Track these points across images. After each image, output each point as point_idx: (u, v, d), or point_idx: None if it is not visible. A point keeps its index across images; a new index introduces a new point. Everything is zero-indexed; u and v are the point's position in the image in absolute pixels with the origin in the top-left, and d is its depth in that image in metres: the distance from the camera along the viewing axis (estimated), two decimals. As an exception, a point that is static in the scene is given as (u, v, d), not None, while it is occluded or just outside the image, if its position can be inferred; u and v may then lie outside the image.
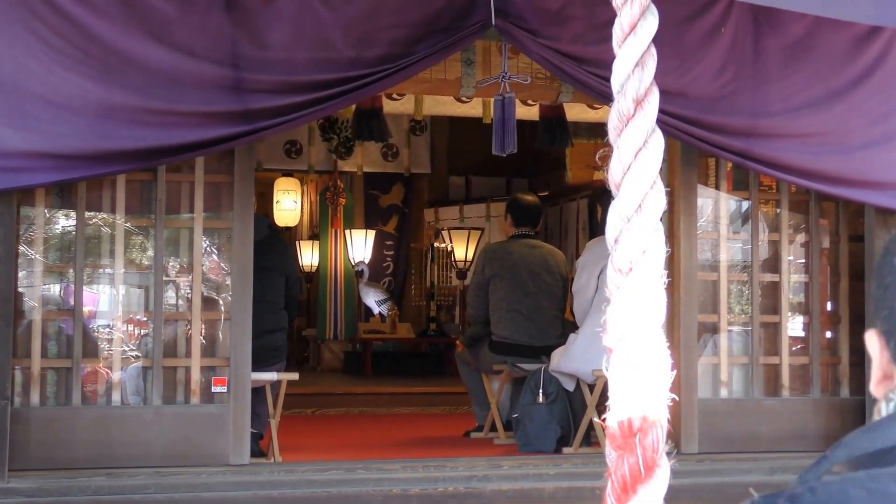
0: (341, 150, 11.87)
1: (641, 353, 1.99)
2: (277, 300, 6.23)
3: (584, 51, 5.39)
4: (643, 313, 2.00)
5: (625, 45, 2.10)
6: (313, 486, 5.13)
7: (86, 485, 4.90)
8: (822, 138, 5.75)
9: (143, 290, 5.51)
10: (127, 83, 4.91)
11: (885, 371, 1.29)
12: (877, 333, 1.29)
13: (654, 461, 2.08)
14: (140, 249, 5.51)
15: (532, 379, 6.79)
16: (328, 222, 13.15)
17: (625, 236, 2.07)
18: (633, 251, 2.05)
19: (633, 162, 2.06)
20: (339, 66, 5.14)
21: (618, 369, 2.06)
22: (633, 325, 2.00)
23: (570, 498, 5.32)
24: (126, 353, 5.35)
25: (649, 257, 2.04)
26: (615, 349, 2.06)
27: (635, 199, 2.03)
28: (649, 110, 2.10)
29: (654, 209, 2.06)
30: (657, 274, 2.08)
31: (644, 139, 2.09)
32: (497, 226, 12.95)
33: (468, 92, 5.90)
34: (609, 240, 2.20)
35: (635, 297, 2.01)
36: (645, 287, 2.02)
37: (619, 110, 2.15)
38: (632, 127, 2.10)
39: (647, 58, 2.09)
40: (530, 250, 7.43)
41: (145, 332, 5.48)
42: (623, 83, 2.12)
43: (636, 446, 2.00)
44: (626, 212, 2.05)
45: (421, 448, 7.03)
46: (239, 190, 5.45)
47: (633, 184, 2.04)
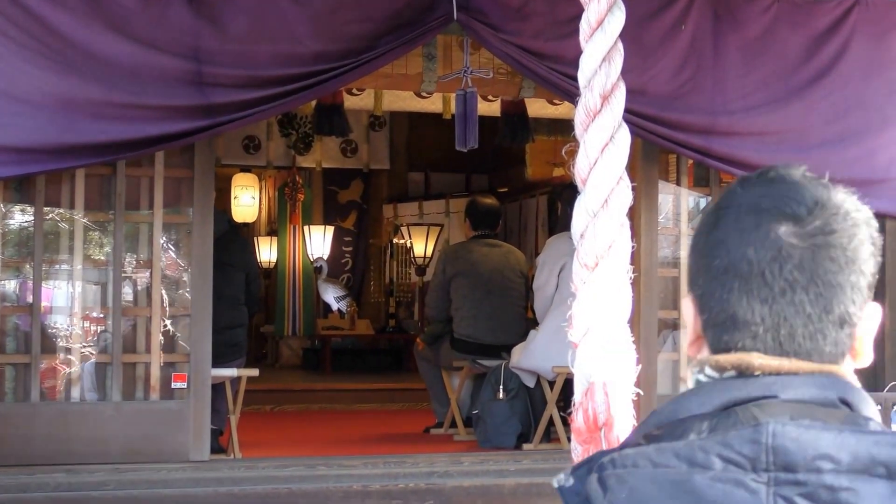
0: (300, 145, 11.83)
1: (607, 348, 2.01)
2: (237, 296, 6.20)
3: (546, 46, 5.40)
4: (609, 308, 2.02)
5: (592, 40, 2.11)
6: (274, 483, 5.11)
7: (44, 481, 4.85)
8: (780, 136, 5.80)
9: (102, 286, 5.46)
10: (88, 76, 4.87)
11: (696, 334, 1.34)
12: (692, 301, 1.34)
13: (621, 455, 2.09)
14: (98, 245, 5.46)
15: (492, 375, 6.80)
16: (287, 218, 13.10)
17: (591, 231, 2.09)
18: (599, 246, 2.07)
19: (600, 157, 2.08)
20: (302, 60, 5.12)
21: (583, 364, 2.07)
22: (598, 320, 2.02)
23: (530, 494, 5.33)
24: (84, 349, 5.29)
25: (615, 252, 2.07)
26: (581, 344, 2.08)
27: (601, 193, 2.06)
28: (616, 105, 2.12)
29: (620, 204, 2.08)
30: (623, 269, 2.10)
31: (611, 134, 2.11)
32: (457, 222, 12.95)
33: (429, 87, 5.90)
34: (575, 235, 2.21)
35: (601, 292, 2.03)
36: (611, 282, 2.04)
37: (585, 105, 2.17)
38: (598, 122, 2.12)
39: (613, 53, 2.11)
40: (490, 249, 7.45)
41: (103, 328, 5.43)
42: (590, 78, 2.14)
43: (601, 440, 2.02)
44: (592, 207, 2.07)
45: (381, 444, 7.03)
46: (199, 185, 5.41)
47: (600, 179, 2.06)
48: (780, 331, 1.26)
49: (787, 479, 1.17)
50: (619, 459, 1.21)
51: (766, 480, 1.17)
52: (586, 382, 1.88)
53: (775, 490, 1.17)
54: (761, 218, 1.27)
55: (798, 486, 1.16)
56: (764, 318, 1.26)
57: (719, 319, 1.28)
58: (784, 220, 1.26)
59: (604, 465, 1.22)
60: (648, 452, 1.21)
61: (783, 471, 1.17)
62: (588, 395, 1.85)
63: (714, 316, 1.29)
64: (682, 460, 1.20)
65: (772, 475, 1.17)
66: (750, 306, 1.26)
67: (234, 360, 6.08)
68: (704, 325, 1.31)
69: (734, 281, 1.27)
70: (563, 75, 5.41)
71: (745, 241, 1.26)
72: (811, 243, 1.25)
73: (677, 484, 1.18)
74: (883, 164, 5.86)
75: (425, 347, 7.59)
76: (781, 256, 1.25)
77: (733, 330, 1.27)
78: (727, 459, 1.18)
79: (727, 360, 1.27)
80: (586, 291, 1.88)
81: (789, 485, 1.17)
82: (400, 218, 13.19)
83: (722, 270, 1.27)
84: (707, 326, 1.31)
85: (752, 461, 1.18)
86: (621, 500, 1.19)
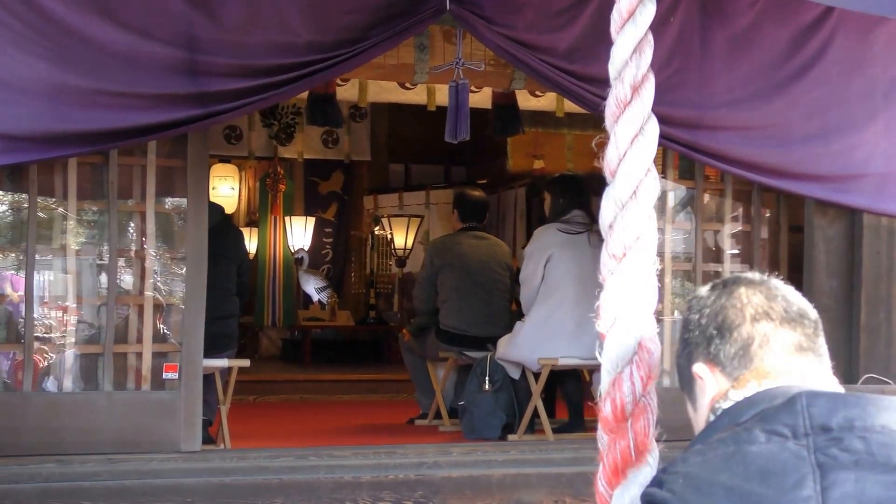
0: (282, 136, 11.82)
1: (633, 338, 2.03)
2: (229, 286, 6.20)
3: (538, 39, 5.42)
4: (636, 298, 2.04)
5: (622, 31, 2.14)
6: (265, 473, 5.11)
7: (36, 472, 4.84)
8: (763, 131, 5.84)
9: (94, 275, 5.43)
10: (80, 64, 4.83)
11: (720, 390, 1.56)
12: (706, 363, 1.58)
13: (645, 445, 2.12)
14: (91, 233, 5.43)
15: (478, 367, 6.83)
16: (268, 209, 13.07)
17: (619, 222, 2.11)
18: (628, 237, 2.09)
19: (629, 148, 2.10)
20: (295, 50, 5.12)
21: (610, 354, 2.09)
22: (625, 311, 2.04)
23: (517, 484, 5.37)
24: (75, 339, 5.27)
25: (643, 243, 2.08)
26: (608, 334, 2.09)
27: (631, 185, 2.07)
28: (646, 97, 2.14)
29: (648, 195, 2.10)
30: (650, 260, 2.12)
31: (640, 126, 2.13)
32: (437, 213, 12.98)
33: (421, 78, 5.90)
34: (603, 225, 2.23)
35: (628, 283, 2.05)
36: (638, 273, 2.06)
37: (616, 96, 2.19)
38: (629, 113, 2.14)
39: (644, 44, 2.13)
40: (478, 242, 7.49)
41: (94, 317, 5.41)
42: (620, 69, 2.16)
43: (628, 430, 2.04)
44: (621, 197, 2.08)
45: (368, 435, 7.04)
46: (192, 174, 5.40)
47: (629, 170, 2.08)
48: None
49: (824, 439, 1.31)
50: (670, 467, 1.35)
51: (807, 444, 1.31)
52: (613, 372, 1.90)
53: (815, 448, 1.30)
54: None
55: (835, 442, 1.30)
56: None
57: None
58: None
59: (661, 480, 1.37)
60: (696, 449, 1.37)
61: (821, 432, 1.31)
62: (615, 385, 1.87)
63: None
64: (730, 443, 1.34)
65: (811, 438, 1.31)
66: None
67: (226, 351, 6.08)
68: (724, 370, 1.69)
69: None
70: (555, 68, 5.44)
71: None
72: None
73: (727, 457, 1.30)
74: (861, 160, 5.91)
75: (411, 339, 7.61)
76: None
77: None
78: (770, 431, 1.32)
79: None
80: (614, 282, 1.89)
81: (827, 442, 1.30)
82: (380, 209, 13.20)
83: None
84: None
85: (792, 428, 1.32)
86: (678, 486, 1.30)
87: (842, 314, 6.05)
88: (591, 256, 6.59)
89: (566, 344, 6.46)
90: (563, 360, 6.45)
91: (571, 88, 5.49)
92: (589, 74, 5.47)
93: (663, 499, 1.30)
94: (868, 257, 6.03)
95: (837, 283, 6.07)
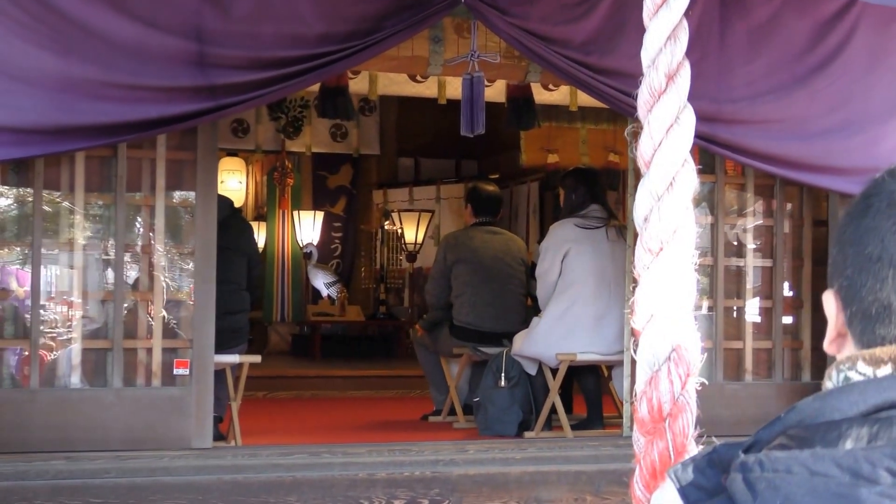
0: (290, 129, 11.72)
1: (671, 336, 1.93)
2: (240, 281, 6.11)
3: (553, 30, 5.33)
4: (673, 294, 1.93)
5: (657, 17, 2.02)
6: (278, 471, 5.04)
7: (44, 469, 4.77)
8: (784, 125, 5.76)
9: (101, 270, 5.35)
10: (88, 56, 4.76)
11: (839, 331, 1.26)
12: (834, 295, 1.27)
13: (684, 446, 2.02)
14: (98, 228, 5.35)
15: (494, 363, 6.74)
16: (276, 203, 12.98)
17: (655, 215, 1.99)
18: (664, 230, 1.97)
19: (665, 138, 1.99)
20: (306, 41, 5.03)
21: (647, 352, 1.99)
22: (662, 307, 1.93)
23: (536, 482, 5.29)
24: (82, 334, 5.20)
25: (680, 236, 1.98)
26: (644, 331, 1.99)
27: (666, 176, 1.96)
28: (681, 85, 2.02)
29: (685, 187, 1.99)
30: (688, 254, 2.01)
31: (676, 115, 2.01)
32: (447, 208, 12.88)
33: (436, 70, 5.82)
34: (638, 219, 2.12)
35: (665, 278, 1.94)
36: (675, 267, 1.95)
37: (650, 85, 2.07)
38: (663, 102, 2.02)
39: (679, 31, 2.01)
40: (492, 237, 7.40)
41: (101, 312, 5.33)
42: (654, 57, 2.04)
43: (666, 431, 1.94)
44: (657, 189, 1.97)
45: (382, 432, 6.96)
46: (202, 168, 5.33)
47: (665, 160, 1.96)
48: None
49: None
50: (768, 463, 1.12)
51: None
52: (650, 371, 1.79)
53: None
54: None
55: None
56: None
57: (871, 311, 1.20)
58: None
59: (748, 466, 1.14)
60: (803, 458, 1.12)
61: None
62: (652, 384, 1.76)
63: (865, 307, 1.21)
64: (845, 471, 1.10)
65: None
66: None
67: (236, 347, 5.99)
68: (851, 319, 1.22)
69: (889, 269, 1.20)
70: (570, 60, 5.35)
71: None
72: None
73: (839, 497, 1.09)
74: (885, 153, 5.82)
75: (424, 334, 7.52)
76: None
77: (888, 321, 1.19)
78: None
79: (885, 352, 1.17)
80: (649, 277, 1.78)
81: None
82: (390, 203, 13.11)
83: (874, 259, 1.20)
84: (854, 319, 1.23)
85: None
86: (768, 496, 1.11)
87: (866, 308, 5.95)
88: (610, 251, 6.50)
89: (584, 339, 6.38)
90: (582, 355, 6.36)
91: (587, 81, 5.41)
92: (604, 67, 5.38)
93: (745, 502, 1.13)
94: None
95: (862, 278, 5.97)
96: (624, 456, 5.82)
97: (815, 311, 6.28)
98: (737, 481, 1.12)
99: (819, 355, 6.21)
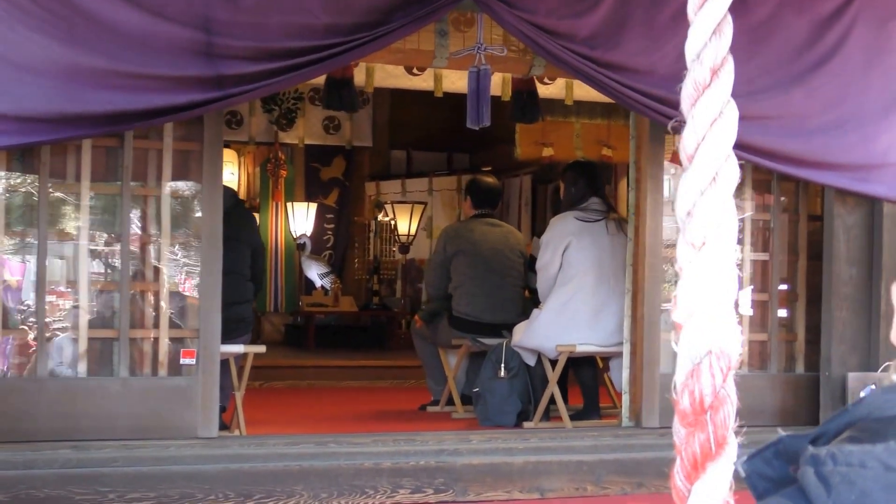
0: (283, 121, 11.74)
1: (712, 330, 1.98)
2: (244, 271, 6.15)
3: (559, 24, 5.37)
4: (715, 289, 1.98)
5: (702, 11, 2.07)
6: (285, 460, 5.07)
7: (52, 458, 4.79)
8: (782, 121, 5.81)
9: (106, 259, 5.37)
10: (94, 45, 4.76)
11: None
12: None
13: (725, 438, 2.07)
14: (104, 217, 5.36)
15: (493, 354, 6.79)
16: (269, 194, 13.00)
17: (698, 210, 2.04)
18: (707, 225, 2.02)
19: (709, 132, 2.04)
20: (314, 33, 5.05)
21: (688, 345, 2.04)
22: (704, 302, 1.98)
23: (538, 472, 5.34)
24: (89, 324, 5.22)
25: (723, 231, 2.02)
26: (686, 325, 2.04)
27: (710, 170, 2.01)
28: (725, 79, 2.07)
29: (728, 182, 2.04)
30: (730, 249, 2.06)
31: (720, 109, 2.05)
32: (440, 200, 12.92)
33: (441, 63, 5.85)
34: (680, 213, 2.17)
35: (707, 273, 1.99)
36: (717, 262, 2.00)
37: (694, 79, 2.11)
38: (707, 96, 2.07)
39: (724, 25, 2.06)
40: (491, 228, 7.45)
41: (110, 301, 5.34)
42: (699, 51, 2.09)
43: (707, 423, 1.99)
44: (700, 184, 2.02)
45: (382, 421, 7.01)
46: (208, 158, 5.35)
47: (708, 155, 2.01)
48: None
49: None
50: (841, 456, 1.15)
51: None
52: (691, 364, 1.83)
53: None
54: None
55: None
56: None
57: None
58: None
59: (821, 459, 1.16)
60: (877, 453, 1.14)
61: None
62: (694, 377, 1.80)
63: None
64: None
65: None
66: None
67: (241, 336, 6.03)
68: None
69: None
70: (575, 54, 5.39)
71: None
72: None
73: None
74: (881, 150, 5.89)
75: (423, 325, 7.57)
76: None
77: None
78: None
79: None
80: (692, 271, 1.82)
81: None
82: (382, 195, 13.14)
83: None
84: None
85: None
86: (850, 501, 1.13)
87: (861, 302, 6.04)
88: (609, 244, 6.56)
89: (584, 331, 6.44)
90: (581, 347, 6.42)
91: (592, 75, 5.45)
92: (609, 61, 5.42)
93: (819, 495, 1.15)
94: (888, 245, 6.02)
95: (857, 272, 6.05)
96: (623, 446, 5.91)
97: (809, 305, 6.35)
98: (809, 475, 1.14)
99: (812, 348, 6.28)
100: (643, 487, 5.42)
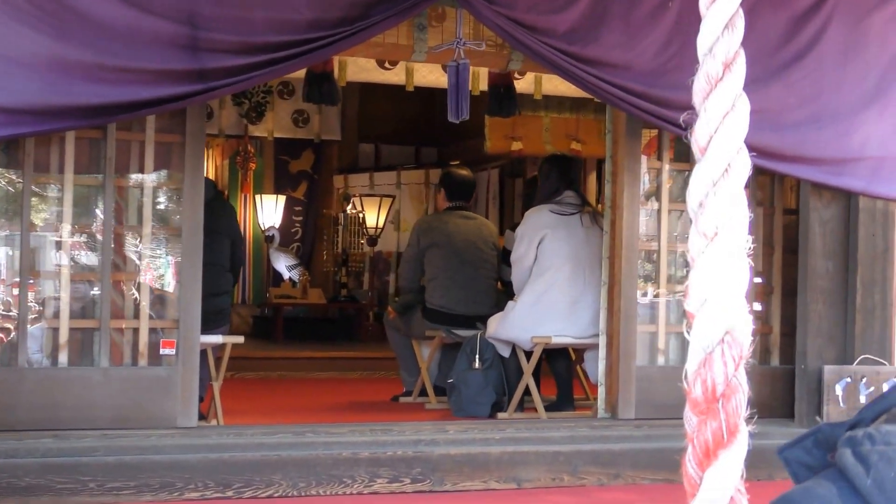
0: (252, 114, 11.74)
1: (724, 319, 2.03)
2: (223, 262, 6.16)
3: (538, 20, 5.42)
4: (727, 279, 2.04)
5: (714, 5, 2.12)
6: (263, 450, 5.10)
7: (33, 447, 4.80)
8: (759, 115, 5.81)
9: (87, 250, 5.38)
10: (82, 39, 4.79)
11: None
12: None
13: (737, 426, 2.13)
14: (86, 207, 5.37)
15: (468, 345, 6.84)
16: (238, 187, 13.00)
17: (711, 200, 2.10)
18: (719, 216, 2.08)
19: (721, 125, 2.09)
20: (296, 27, 5.09)
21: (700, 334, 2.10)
22: (716, 291, 2.04)
23: (514, 462, 5.39)
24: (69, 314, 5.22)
25: (735, 222, 2.08)
26: (698, 314, 2.10)
27: (722, 163, 2.06)
28: (738, 73, 2.12)
29: (740, 174, 2.09)
30: (742, 240, 2.12)
31: (732, 102, 2.11)
32: (408, 193, 12.96)
33: (420, 57, 5.89)
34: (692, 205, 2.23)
35: (719, 263, 2.05)
36: (729, 253, 2.06)
37: (707, 73, 2.17)
38: (720, 90, 2.12)
39: (736, 19, 2.11)
40: (465, 221, 7.50)
41: (90, 292, 5.35)
42: (712, 45, 2.14)
43: (719, 411, 2.05)
44: (712, 176, 2.08)
45: (357, 412, 7.05)
46: (190, 150, 5.37)
47: (720, 148, 2.07)
48: None
49: None
50: (879, 436, 1.16)
51: None
52: (703, 353, 1.89)
53: None
54: None
55: None
56: None
57: None
58: None
59: (858, 440, 1.18)
60: None
61: None
62: (706, 365, 1.86)
63: None
64: None
65: None
66: None
67: (220, 327, 6.05)
68: None
69: None
70: (554, 49, 5.44)
71: None
72: None
73: None
74: (857, 144, 5.97)
75: (396, 317, 7.61)
76: None
77: None
78: None
79: None
80: (704, 262, 1.89)
81: None
82: (350, 189, 13.17)
83: None
84: None
85: None
86: (890, 479, 1.14)
87: (837, 296, 6.13)
88: (584, 237, 6.63)
89: (559, 323, 6.50)
90: (557, 338, 6.49)
91: (570, 70, 5.51)
92: (587, 56, 5.48)
93: (857, 474, 1.18)
94: (863, 239, 6.11)
95: (833, 265, 6.14)
96: (600, 437, 5.96)
97: (784, 298, 6.44)
98: (846, 455, 1.18)
99: (787, 341, 6.38)
100: (619, 478, 5.49)
